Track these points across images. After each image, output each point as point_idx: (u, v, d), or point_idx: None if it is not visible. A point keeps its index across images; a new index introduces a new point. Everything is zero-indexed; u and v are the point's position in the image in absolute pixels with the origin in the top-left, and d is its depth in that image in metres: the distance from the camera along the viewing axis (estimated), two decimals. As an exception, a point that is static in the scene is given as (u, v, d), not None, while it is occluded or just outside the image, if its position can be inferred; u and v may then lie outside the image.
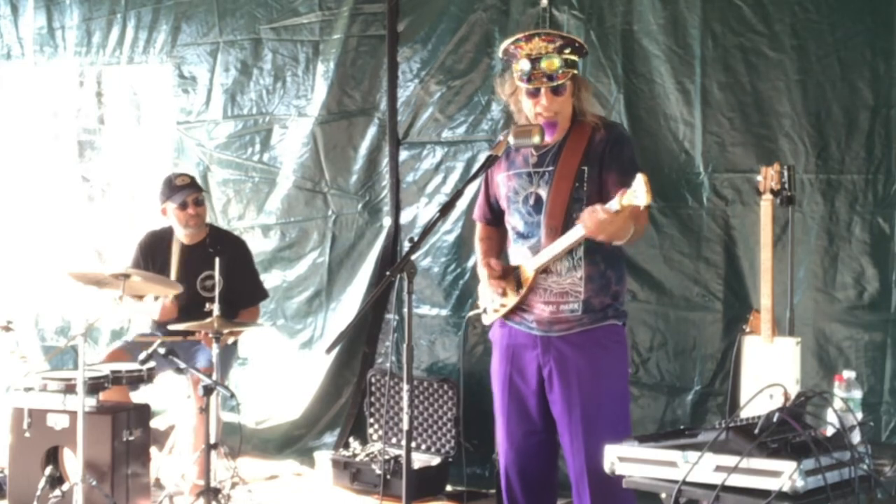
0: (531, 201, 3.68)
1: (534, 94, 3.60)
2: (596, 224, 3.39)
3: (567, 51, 3.57)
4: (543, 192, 3.65)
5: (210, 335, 4.67)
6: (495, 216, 3.93)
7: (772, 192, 4.20)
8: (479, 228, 4.02)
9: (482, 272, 3.80)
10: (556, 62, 3.54)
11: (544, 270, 3.66)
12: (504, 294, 3.75)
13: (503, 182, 3.79)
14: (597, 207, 3.40)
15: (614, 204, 3.36)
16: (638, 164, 3.71)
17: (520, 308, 3.74)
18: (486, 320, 3.89)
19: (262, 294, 5.57)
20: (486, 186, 3.92)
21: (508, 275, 3.74)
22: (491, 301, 3.81)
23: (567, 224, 3.59)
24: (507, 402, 3.79)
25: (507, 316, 3.79)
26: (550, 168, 3.66)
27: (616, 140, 3.66)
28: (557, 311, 3.65)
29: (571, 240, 3.55)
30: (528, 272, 3.66)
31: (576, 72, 3.62)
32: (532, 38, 3.58)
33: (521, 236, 3.73)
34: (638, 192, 3.30)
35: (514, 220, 3.76)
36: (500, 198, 3.83)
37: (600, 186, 3.61)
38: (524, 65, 3.57)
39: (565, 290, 3.64)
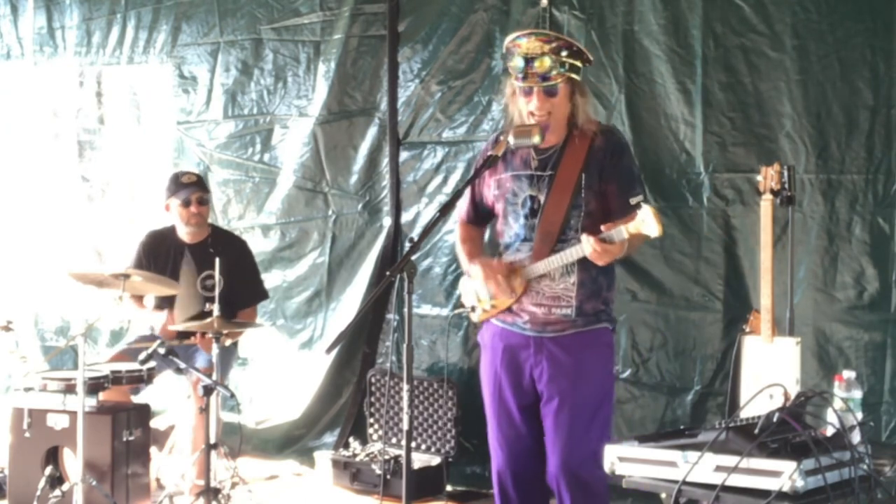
0: (529, 205, 3.69)
1: (527, 93, 3.61)
2: (602, 251, 3.45)
3: (564, 53, 3.57)
4: (542, 197, 3.67)
5: (210, 336, 4.67)
6: (478, 216, 3.94)
7: (772, 192, 4.20)
8: (459, 230, 3.99)
9: (475, 269, 3.78)
10: (548, 62, 3.54)
11: None
12: (496, 295, 3.76)
13: (499, 184, 3.77)
14: (604, 236, 3.44)
15: (622, 233, 3.42)
16: (637, 171, 3.80)
17: (509, 310, 3.75)
18: (475, 318, 3.90)
19: (261, 295, 5.56)
20: (472, 184, 3.88)
21: (512, 273, 3.74)
22: (478, 300, 3.82)
23: (564, 231, 3.63)
24: (499, 405, 3.81)
25: (497, 317, 3.81)
26: (551, 173, 3.67)
27: (615, 148, 3.70)
28: (550, 313, 3.69)
29: (571, 259, 3.60)
30: (522, 279, 3.68)
31: (574, 76, 3.62)
32: (529, 37, 3.59)
33: (519, 239, 3.73)
34: (647, 223, 3.36)
35: (510, 222, 3.76)
36: (491, 198, 3.82)
37: (598, 194, 3.66)
38: (518, 62, 3.58)
39: (558, 294, 3.68)
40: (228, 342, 5.12)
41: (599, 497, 3.67)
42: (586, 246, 3.47)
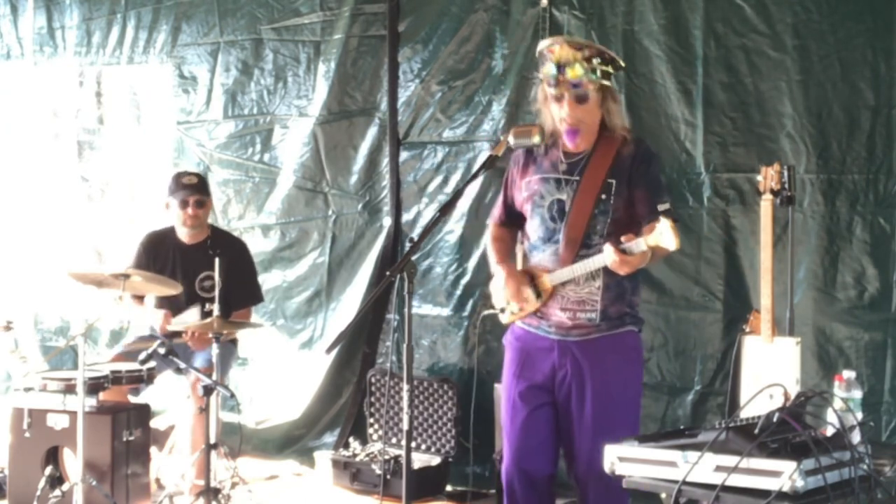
0: (555, 208, 3.70)
1: (559, 99, 3.62)
2: (622, 262, 3.47)
3: (596, 61, 3.59)
4: (568, 201, 3.68)
5: (210, 335, 4.67)
6: (510, 218, 3.94)
7: (772, 191, 4.20)
8: (492, 229, 4.00)
9: (499, 272, 3.80)
10: (579, 70, 3.56)
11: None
12: (515, 300, 3.77)
13: (527, 185, 3.79)
14: (623, 247, 3.45)
15: (641, 245, 3.44)
16: (664, 181, 3.80)
17: (535, 313, 3.76)
18: (504, 319, 3.91)
19: (257, 298, 5.52)
20: (505, 188, 3.91)
21: (529, 282, 3.75)
22: (507, 302, 3.83)
23: (588, 236, 3.65)
24: (511, 404, 3.82)
25: (523, 320, 3.82)
26: (578, 178, 3.69)
27: (643, 156, 3.72)
28: (575, 317, 3.70)
29: (594, 267, 3.61)
30: (548, 284, 3.70)
31: (606, 83, 3.63)
32: (561, 44, 3.61)
33: (543, 241, 3.74)
34: (665, 236, 3.38)
35: (535, 224, 3.77)
36: (520, 200, 3.83)
37: (627, 201, 3.67)
38: (551, 69, 3.59)
39: (583, 298, 3.69)
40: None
41: (622, 495, 3.65)
42: (607, 256, 3.50)
